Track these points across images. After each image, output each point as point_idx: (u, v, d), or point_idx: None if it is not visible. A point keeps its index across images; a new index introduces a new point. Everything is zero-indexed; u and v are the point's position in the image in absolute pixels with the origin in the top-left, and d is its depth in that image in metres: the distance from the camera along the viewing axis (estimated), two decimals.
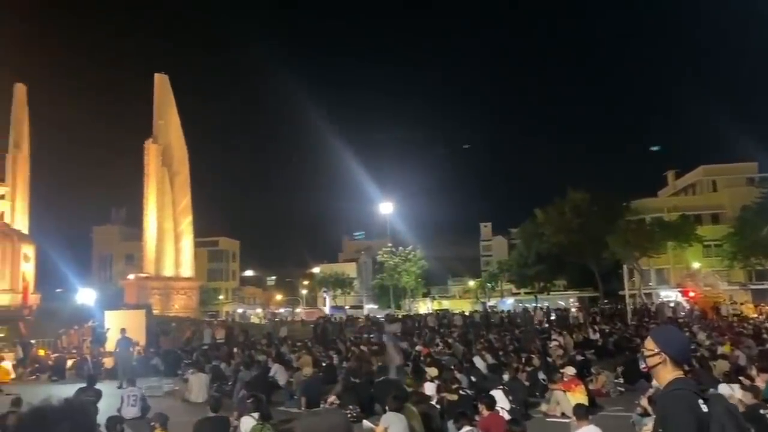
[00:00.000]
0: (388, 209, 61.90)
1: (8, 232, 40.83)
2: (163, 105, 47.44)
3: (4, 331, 27.74)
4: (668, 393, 3.15)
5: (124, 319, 26.88)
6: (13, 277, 39.73)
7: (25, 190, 46.86)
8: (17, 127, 46.90)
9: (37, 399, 7.13)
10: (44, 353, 24.59)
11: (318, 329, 34.28)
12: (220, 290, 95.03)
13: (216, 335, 28.79)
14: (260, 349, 23.02)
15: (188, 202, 47.64)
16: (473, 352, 18.64)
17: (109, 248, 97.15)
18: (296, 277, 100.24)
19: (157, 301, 42.64)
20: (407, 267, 67.99)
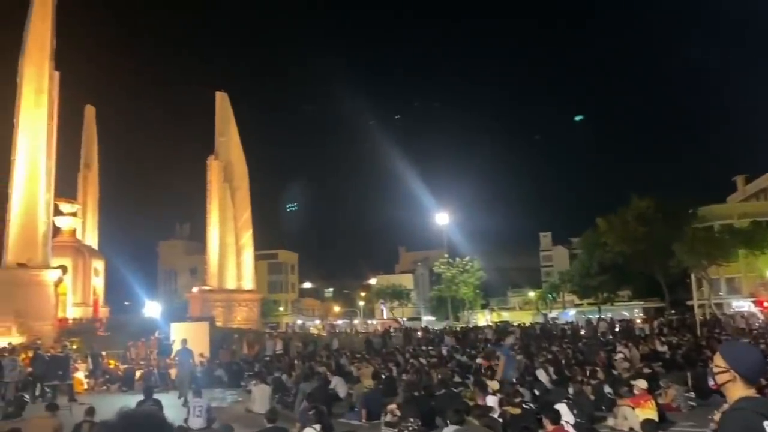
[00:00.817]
0: (444, 220, 61.51)
1: (80, 248, 42.70)
2: (223, 122, 48.83)
3: (76, 342, 28.86)
4: (729, 411, 3.01)
5: (189, 331, 27.61)
6: (84, 291, 41.49)
7: (95, 208, 49.04)
8: (87, 147, 49.23)
9: (108, 409, 7.35)
10: (114, 364, 25.50)
11: (375, 341, 34.36)
12: (280, 302, 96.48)
13: (277, 347, 29.21)
14: (320, 360, 23.23)
15: (248, 216, 48.78)
16: (535, 365, 18.25)
17: (174, 262, 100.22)
18: (353, 289, 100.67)
19: (220, 313, 43.68)
20: (465, 278, 67.32)
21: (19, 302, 30.15)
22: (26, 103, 32.74)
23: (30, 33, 33.43)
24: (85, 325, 36.78)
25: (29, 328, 29.33)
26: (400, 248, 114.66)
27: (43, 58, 33.48)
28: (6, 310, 30.01)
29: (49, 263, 32.61)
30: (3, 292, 30.67)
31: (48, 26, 33.86)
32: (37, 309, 30.64)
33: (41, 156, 32.59)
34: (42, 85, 33.23)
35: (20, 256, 31.42)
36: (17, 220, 31.68)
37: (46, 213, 32.76)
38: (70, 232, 42.95)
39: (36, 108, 32.92)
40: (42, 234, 32.19)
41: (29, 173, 32.29)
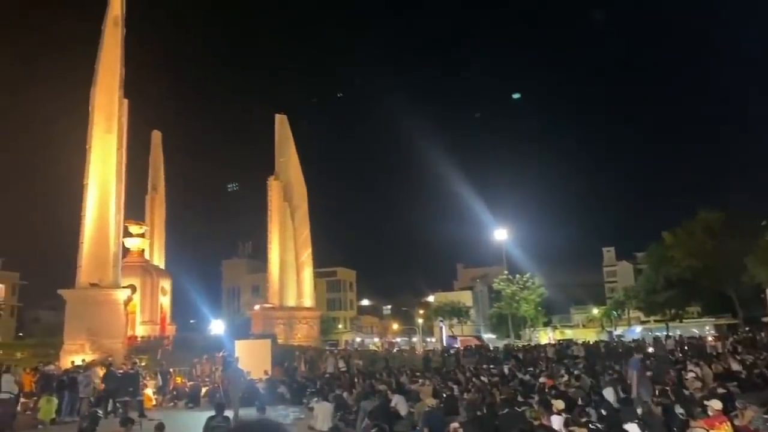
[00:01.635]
0: (503, 236, 60.75)
1: (148, 267, 44.24)
2: (283, 143, 50.01)
3: (145, 360, 29.84)
4: None
5: (252, 348, 28.18)
6: (152, 309, 42.88)
7: (162, 228, 50.82)
8: (154, 170, 51.21)
9: (176, 424, 7.55)
10: (181, 381, 26.20)
11: (431, 360, 34.12)
12: (339, 320, 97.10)
13: (338, 364, 29.38)
14: (380, 378, 23.20)
15: (308, 234, 49.59)
16: (602, 384, 17.71)
17: (237, 280, 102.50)
18: (412, 306, 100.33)
19: (282, 331, 44.36)
20: (526, 295, 66.16)
21: (91, 321, 31.42)
22: (97, 130, 34.36)
23: (101, 63, 35.17)
24: (153, 342, 38.00)
25: (101, 346, 30.49)
26: (459, 265, 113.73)
27: (112, 87, 35.13)
28: (79, 328, 31.34)
29: (119, 283, 33.89)
30: (76, 311, 32.08)
31: (117, 56, 35.55)
32: (109, 327, 31.84)
33: (112, 180, 34.06)
34: (112, 112, 34.82)
35: (92, 276, 32.77)
36: (89, 241, 33.11)
37: (117, 234, 34.11)
38: (139, 253, 44.58)
39: (107, 134, 34.50)
40: (113, 255, 33.51)
41: (100, 196, 33.78)
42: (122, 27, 36.03)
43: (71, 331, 31.59)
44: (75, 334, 31.28)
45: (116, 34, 35.81)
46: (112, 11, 35.95)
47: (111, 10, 35.94)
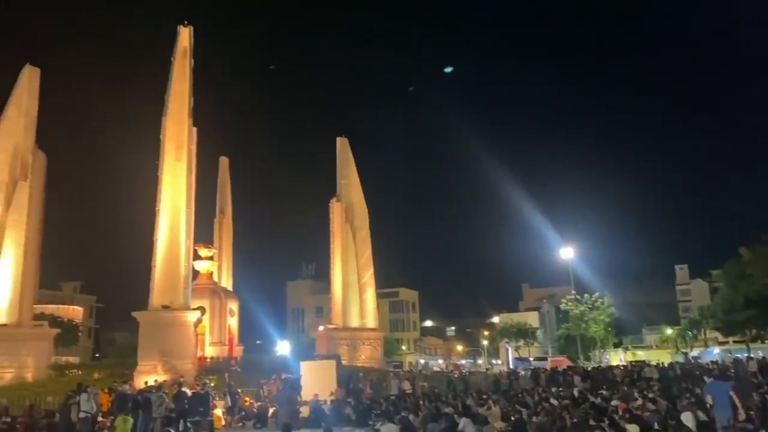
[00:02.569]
0: (569, 254, 59.25)
1: (216, 289, 45.39)
2: (344, 165, 50.65)
3: (214, 380, 30.48)
4: None
5: (317, 369, 28.39)
6: (221, 330, 43.87)
7: (230, 251, 52.19)
8: (222, 195, 52.81)
9: None
10: (249, 402, 26.60)
11: (500, 382, 33.44)
12: (402, 341, 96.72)
13: (402, 386, 29.18)
14: (446, 401, 22.89)
15: (369, 255, 49.79)
16: (679, 408, 16.89)
17: (301, 301, 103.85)
18: (476, 327, 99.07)
19: (345, 352, 44.44)
20: (595, 315, 64.16)
21: (163, 342, 32.44)
22: (168, 158, 35.76)
23: (171, 94, 36.70)
24: (221, 363, 38.80)
25: (173, 367, 31.38)
26: (524, 285, 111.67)
27: (182, 117, 36.55)
28: (152, 349, 32.41)
29: (189, 305, 34.90)
30: (149, 333, 33.21)
31: (186, 87, 37.02)
32: (180, 348, 32.78)
33: (182, 205, 35.30)
34: (182, 140, 36.20)
35: (164, 299, 33.89)
36: (161, 264, 34.31)
37: (187, 258, 35.22)
38: (208, 275, 45.83)
39: (177, 162, 35.85)
40: (183, 277, 34.60)
41: (171, 221, 35.03)
42: (190, 58, 37.57)
43: (144, 352, 32.70)
44: (148, 355, 32.35)
45: (185, 65, 37.35)
46: (180, 43, 37.58)
47: (180, 42, 37.58)
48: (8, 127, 36.91)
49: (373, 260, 50.14)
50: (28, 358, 34.97)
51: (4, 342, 34.44)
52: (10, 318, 35.10)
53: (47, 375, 34.96)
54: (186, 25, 37.90)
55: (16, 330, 35.23)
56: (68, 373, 37.15)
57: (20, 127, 37.34)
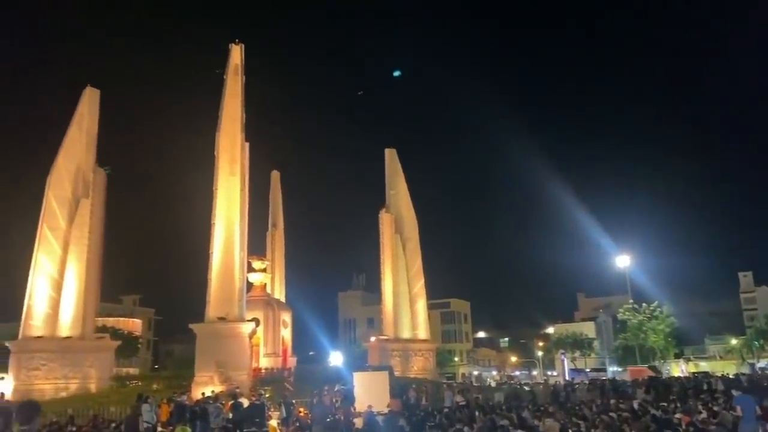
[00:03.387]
0: (625, 262, 57.65)
1: (270, 301, 46.06)
2: (393, 176, 50.84)
3: (269, 391, 30.83)
4: None
5: (370, 380, 28.35)
6: (274, 341, 44.44)
7: (282, 263, 52.95)
8: (274, 208, 53.74)
9: None
10: (303, 412, 26.75)
11: (559, 394, 32.68)
12: (455, 352, 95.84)
13: (456, 398, 28.86)
14: (501, 413, 22.49)
15: (419, 266, 49.68)
16: None
17: (352, 312, 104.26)
18: (530, 338, 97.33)
19: (397, 363, 44.35)
20: (653, 325, 62.13)
21: (219, 353, 33.08)
22: (223, 173, 36.61)
23: (224, 110, 37.64)
24: (275, 374, 39.27)
25: (229, 378, 31.95)
26: (579, 294, 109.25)
27: (235, 131, 37.41)
28: (208, 360, 33.09)
29: (244, 316, 35.50)
30: (205, 345, 33.91)
31: (238, 103, 37.91)
32: (235, 359, 33.36)
33: (236, 219, 36.03)
34: (235, 155, 37.02)
35: (220, 311, 34.57)
36: (217, 277, 35.04)
37: (241, 270, 35.89)
38: (261, 287, 46.56)
39: (231, 176, 36.67)
40: (238, 290, 35.24)
41: (226, 235, 35.78)
42: (242, 75, 38.48)
43: (201, 363, 33.39)
44: (205, 366, 33.02)
45: (237, 82, 38.27)
46: (232, 61, 38.55)
47: (231, 60, 38.56)
48: (71, 147, 38.56)
49: (424, 271, 50.01)
50: (92, 370, 36.25)
51: (69, 354, 35.79)
52: (74, 331, 36.47)
53: (109, 386, 36.14)
54: (237, 43, 38.92)
55: (80, 342, 36.59)
56: (129, 384, 38.30)
57: (82, 146, 38.96)
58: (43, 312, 36.06)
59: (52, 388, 34.25)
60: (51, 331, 35.90)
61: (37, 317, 35.96)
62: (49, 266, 36.60)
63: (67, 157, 38.26)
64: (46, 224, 36.94)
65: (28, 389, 33.92)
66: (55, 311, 36.24)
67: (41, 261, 36.51)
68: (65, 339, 36.05)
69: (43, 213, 37.10)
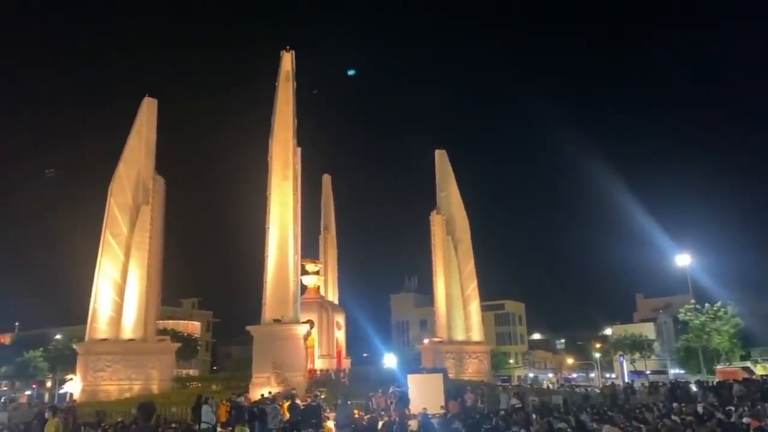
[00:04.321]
0: (685, 261, 55.69)
1: (324, 303, 46.54)
2: (443, 177, 50.67)
3: (325, 392, 31.15)
4: None
5: (424, 382, 28.33)
6: (329, 343, 44.85)
7: (335, 266, 53.46)
8: (326, 211, 54.31)
9: None
10: (359, 414, 26.91)
11: (618, 396, 31.88)
12: (510, 354, 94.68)
13: (512, 400, 28.51)
14: (558, 416, 22.09)
15: (472, 267, 49.31)
16: None
17: (405, 314, 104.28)
18: (587, 340, 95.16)
19: (451, 365, 44.15)
20: (718, 326, 59.77)
21: (275, 355, 33.63)
22: (276, 178, 37.25)
23: (276, 116, 38.30)
24: (330, 375, 39.63)
25: (285, 379, 32.43)
26: (638, 295, 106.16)
27: (287, 137, 38.01)
28: (265, 362, 33.67)
29: (299, 318, 36.00)
30: (262, 347, 34.54)
31: (290, 109, 38.49)
32: (291, 361, 33.85)
33: (289, 223, 36.59)
34: (287, 161, 37.61)
35: (275, 313, 35.15)
36: (272, 280, 35.65)
37: (295, 273, 36.42)
38: (315, 290, 47.10)
39: (283, 181, 37.28)
40: (292, 292, 35.77)
41: (280, 238, 36.38)
42: (293, 81, 39.07)
43: (258, 364, 34.03)
44: (262, 368, 33.63)
45: (288, 88, 38.88)
46: (283, 68, 39.20)
47: (283, 66, 39.20)
48: (131, 155, 39.97)
49: (477, 272, 49.60)
50: (153, 371, 37.43)
51: (132, 355, 37.09)
52: (136, 333, 37.77)
53: (171, 387, 37.24)
54: (288, 50, 39.53)
55: (142, 344, 37.86)
56: (189, 385, 39.38)
57: (141, 154, 40.33)
58: (107, 315, 37.48)
59: (116, 389, 35.56)
60: (115, 334, 37.28)
61: (101, 320, 37.40)
62: (112, 271, 38.01)
63: (127, 165, 39.67)
64: (109, 230, 38.39)
65: (94, 390, 35.35)
66: (119, 314, 37.60)
67: (105, 266, 37.95)
68: (128, 341, 37.36)
69: (106, 219, 38.56)
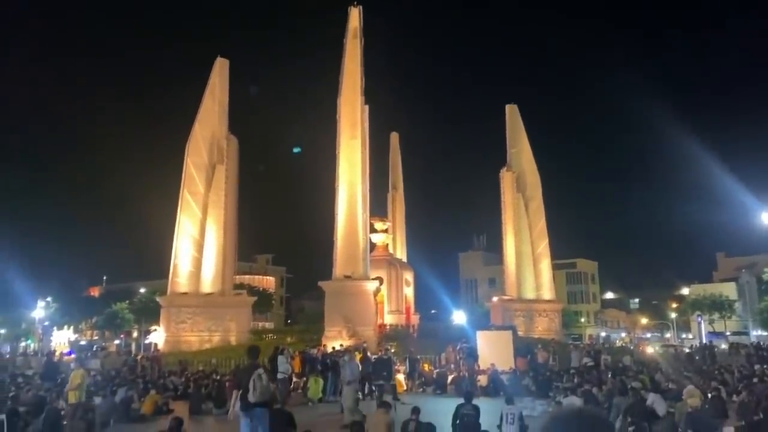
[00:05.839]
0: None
1: (392, 261, 47.07)
2: (514, 134, 49.52)
3: (395, 346, 31.79)
4: None
5: (494, 339, 28.41)
6: (398, 299, 45.52)
7: (402, 224, 53.76)
8: (393, 169, 54.36)
9: (428, 409, 7.96)
10: (429, 368, 27.39)
11: (696, 357, 31.02)
12: (581, 313, 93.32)
13: (582, 359, 28.24)
14: (632, 375, 21.80)
15: (543, 225, 48.43)
16: None
17: (473, 273, 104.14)
18: (663, 299, 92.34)
19: (521, 323, 43.98)
20: None
21: (346, 309, 34.53)
22: (344, 136, 37.50)
23: (344, 75, 38.30)
24: (399, 330, 40.35)
25: (356, 333, 33.31)
26: (718, 254, 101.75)
27: (355, 95, 38.03)
28: (336, 316, 34.66)
29: (368, 275, 36.65)
30: (334, 301, 35.51)
31: (357, 67, 38.38)
32: (361, 315, 34.67)
33: (358, 181, 36.94)
34: (356, 119, 37.73)
35: (345, 269, 35.92)
36: (342, 238, 36.32)
37: (364, 231, 36.92)
38: (383, 247, 47.63)
39: (352, 139, 37.50)
40: (362, 249, 36.37)
41: (349, 197, 36.84)
42: (360, 38, 38.82)
43: (330, 318, 35.06)
44: (333, 322, 34.65)
45: (356, 46, 38.70)
46: (351, 24, 38.96)
47: (350, 23, 38.97)
48: (205, 116, 41.03)
49: (548, 230, 48.71)
50: (232, 323, 39.13)
51: (212, 309, 38.84)
52: (214, 287, 39.44)
53: (248, 338, 38.83)
54: (356, 6, 39.19)
55: (221, 298, 39.55)
56: (265, 337, 41.01)
57: (215, 115, 41.33)
58: (187, 270, 39.23)
59: (197, 340, 37.45)
60: (195, 288, 39.05)
61: (182, 275, 39.20)
62: (191, 228, 39.59)
63: (202, 126, 40.79)
64: (187, 189, 39.84)
65: (177, 340, 37.35)
66: (198, 269, 39.30)
67: (184, 223, 39.55)
68: (207, 295, 39.09)
69: (184, 179, 40.01)
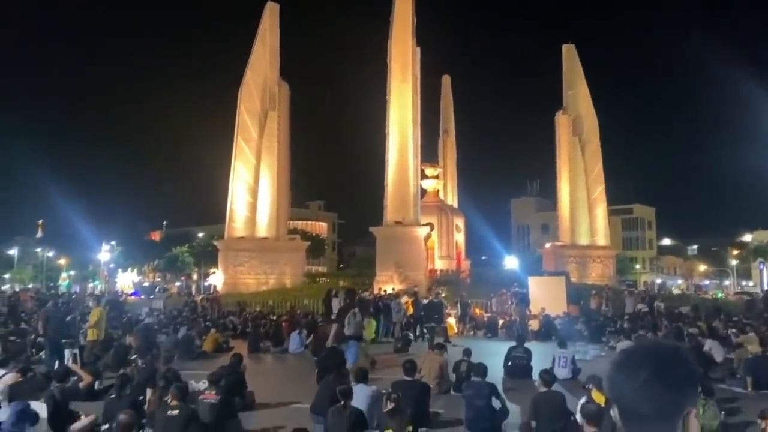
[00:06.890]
0: None
1: (443, 207, 46.97)
2: (571, 75, 47.75)
3: (445, 291, 32.03)
4: None
5: (546, 284, 28.24)
6: (448, 245, 45.63)
7: (454, 170, 53.34)
8: (445, 114, 53.60)
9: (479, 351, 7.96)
10: (480, 313, 27.55)
11: (756, 305, 30.13)
12: (637, 259, 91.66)
13: (638, 306, 27.86)
14: (689, 322, 21.42)
15: (600, 170, 47.11)
16: None
17: (526, 219, 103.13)
18: (723, 246, 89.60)
19: (574, 269, 43.44)
20: None
21: (397, 254, 34.86)
22: (395, 80, 37.00)
23: (395, 16, 37.49)
24: (450, 275, 40.58)
25: (406, 277, 33.69)
26: None
27: (406, 37, 37.27)
28: (388, 261, 35.06)
29: (419, 221, 36.73)
30: (385, 246, 35.85)
31: (408, 6, 37.48)
32: (412, 260, 34.95)
33: (409, 126, 36.60)
34: (406, 61, 37.08)
35: (396, 215, 36.08)
36: (392, 184, 36.34)
37: (415, 177, 36.82)
38: (434, 193, 47.50)
39: (402, 83, 36.97)
40: (412, 195, 36.36)
41: (400, 142, 36.61)
42: None
43: (381, 263, 35.51)
44: (384, 266, 35.10)
45: None
46: None
47: None
48: (257, 62, 41.08)
49: (605, 175, 47.39)
50: (287, 267, 40.13)
51: (267, 252, 39.83)
52: (269, 232, 40.33)
53: (302, 281, 39.89)
54: None
55: (275, 242, 40.47)
56: (318, 280, 41.95)
57: (266, 61, 41.32)
58: (243, 215, 40.16)
59: (254, 282, 38.62)
60: (251, 232, 40.02)
61: (238, 219, 40.17)
62: (245, 174, 40.29)
63: (254, 72, 40.90)
64: (241, 135, 40.35)
65: (235, 282, 38.61)
66: (253, 214, 40.16)
67: (238, 169, 40.26)
68: (263, 239, 40.04)
69: (237, 125, 40.49)
